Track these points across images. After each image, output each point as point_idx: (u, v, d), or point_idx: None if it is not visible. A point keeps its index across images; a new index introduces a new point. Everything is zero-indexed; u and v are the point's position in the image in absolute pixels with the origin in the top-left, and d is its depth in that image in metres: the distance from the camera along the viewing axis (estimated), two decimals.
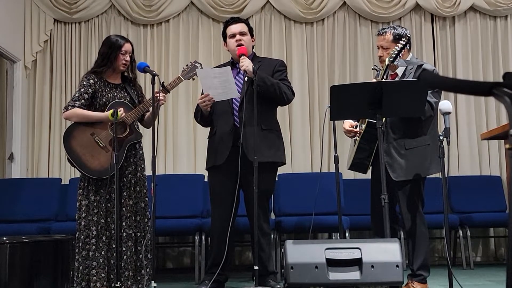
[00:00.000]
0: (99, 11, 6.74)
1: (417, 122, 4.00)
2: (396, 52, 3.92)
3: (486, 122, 6.69)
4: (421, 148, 4.02)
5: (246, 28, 4.31)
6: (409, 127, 4.02)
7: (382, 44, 4.16)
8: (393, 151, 4.01)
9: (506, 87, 1.14)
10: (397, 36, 4.12)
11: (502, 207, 6.21)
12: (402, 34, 4.13)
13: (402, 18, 6.89)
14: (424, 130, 4.05)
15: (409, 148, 4.00)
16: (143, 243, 4.06)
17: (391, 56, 3.94)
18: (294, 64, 6.71)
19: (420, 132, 4.04)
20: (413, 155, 4.00)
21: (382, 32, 4.20)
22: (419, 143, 4.02)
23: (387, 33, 4.16)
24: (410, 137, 4.02)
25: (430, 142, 4.02)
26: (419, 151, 4.02)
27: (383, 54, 4.14)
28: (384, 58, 4.11)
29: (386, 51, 4.12)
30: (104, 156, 4.04)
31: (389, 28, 4.21)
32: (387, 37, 4.15)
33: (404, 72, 4.10)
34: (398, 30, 4.17)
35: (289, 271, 3.23)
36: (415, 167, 4.01)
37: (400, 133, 4.02)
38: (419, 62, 4.19)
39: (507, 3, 6.80)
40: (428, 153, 4.01)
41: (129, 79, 4.32)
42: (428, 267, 4.07)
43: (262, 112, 4.04)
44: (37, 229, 5.41)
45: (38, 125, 6.59)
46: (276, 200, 5.98)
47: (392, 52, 3.94)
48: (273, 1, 6.77)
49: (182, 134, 6.57)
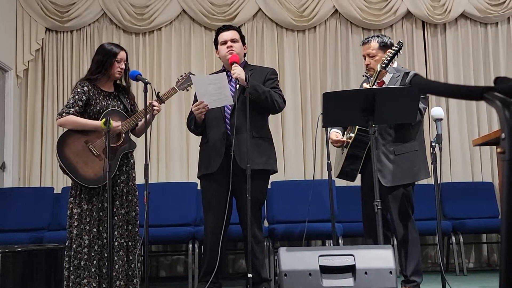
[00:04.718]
0: (91, 20, 6.73)
1: (406, 128, 4.03)
2: (389, 58, 3.94)
3: (478, 128, 6.71)
4: (410, 154, 4.05)
5: (237, 35, 4.32)
6: (398, 133, 4.05)
7: (368, 52, 4.20)
8: (383, 157, 4.03)
9: (497, 91, 1.14)
10: (382, 44, 4.17)
11: (495, 213, 6.23)
12: (387, 42, 4.19)
13: (393, 26, 6.92)
14: (413, 135, 4.08)
15: (399, 154, 4.03)
16: (135, 252, 4.05)
17: (383, 62, 3.95)
18: (286, 71, 6.72)
19: (408, 137, 4.06)
20: (402, 161, 4.03)
21: (366, 41, 4.26)
22: (408, 149, 4.05)
23: (371, 42, 4.21)
24: (399, 142, 4.05)
25: (418, 148, 4.05)
26: (408, 157, 4.04)
27: (370, 62, 4.19)
28: (372, 66, 4.16)
29: (373, 59, 4.17)
30: (98, 165, 4.02)
31: (372, 37, 4.27)
32: (372, 45, 4.19)
33: (390, 80, 4.13)
34: (382, 38, 4.22)
35: (282, 278, 3.23)
36: (405, 172, 4.03)
37: (389, 138, 4.05)
38: (406, 70, 4.23)
39: (498, 10, 6.84)
40: (417, 158, 4.04)
41: (122, 88, 4.31)
42: (421, 273, 4.07)
43: (254, 119, 4.04)
44: (30, 238, 5.38)
45: (30, 134, 6.56)
46: (269, 208, 5.98)
47: (384, 58, 3.96)
48: (265, 9, 6.79)
49: (175, 142, 6.56)
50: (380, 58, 4.06)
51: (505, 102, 1.11)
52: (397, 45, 3.97)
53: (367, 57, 4.21)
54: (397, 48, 3.96)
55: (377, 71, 3.98)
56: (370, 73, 4.16)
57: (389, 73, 4.11)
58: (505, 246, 1.11)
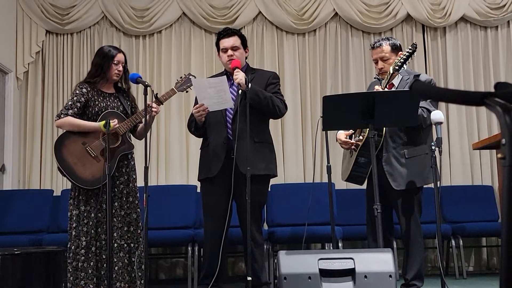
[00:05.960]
0: (91, 22, 6.73)
1: (417, 131, 4.02)
2: (402, 60, 3.89)
3: (477, 132, 6.71)
4: (421, 157, 4.03)
5: (238, 41, 4.26)
6: (409, 136, 4.03)
7: (382, 56, 4.14)
8: (393, 160, 4.01)
9: (497, 96, 1.14)
10: (394, 46, 4.14)
11: (495, 216, 6.23)
12: (397, 44, 4.16)
13: (393, 29, 6.92)
14: (423, 139, 4.07)
15: (410, 157, 4.02)
16: (137, 254, 4.04)
17: (396, 64, 3.90)
18: (286, 74, 6.72)
19: (419, 141, 4.05)
20: (413, 164, 4.01)
21: (378, 44, 4.18)
22: (419, 152, 4.04)
23: (383, 45, 4.16)
24: (410, 145, 4.03)
25: (428, 151, 4.03)
26: (419, 160, 4.03)
27: (384, 66, 4.13)
28: (385, 69, 4.09)
29: (386, 62, 4.12)
30: (96, 166, 4.02)
31: (383, 40, 4.21)
32: (385, 48, 4.14)
33: (400, 82, 4.11)
34: (392, 41, 4.19)
35: (282, 281, 3.22)
36: (415, 176, 4.02)
37: (399, 141, 4.03)
38: (416, 73, 4.21)
39: (498, 13, 6.84)
40: (427, 162, 4.01)
41: (123, 89, 4.32)
42: (422, 277, 4.07)
43: (255, 125, 4.03)
44: (29, 241, 5.38)
45: (29, 137, 6.56)
46: (269, 211, 5.97)
47: (397, 61, 3.91)
48: (265, 12, 6.79)
49: (175, 145, 6.56)
50: (393, 60, 4.02)
51: (505, 108, 1.11)
52: (411, 47, 3.91)
53: (379, 60, 4.16)
54: (411, 50, 3.91)
55: (390, 73, 3.94)
56: (383, 76, 4.11)
57: (399, 75, 4.08)
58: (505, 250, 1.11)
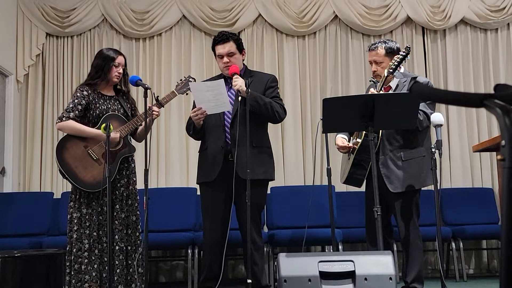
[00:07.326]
0: (91, 25, 6.74)
1: (414, 133, 4.02)
2: (396, 63, 3.91)
3: (477, 134, 6.71)
4: (418, 160, 4.03)
5: (234, 46, 4.22)
6: (405, 139, 4.03)
7: (375, 59, 4.17)
8: (390, 163, 4.01)
9: (497, 98, 1.14)
10: (389, 50, 4.14)
11: (495, 219, 6.22)
12: (393, 47, 4.16)
13: (393, 31, 6.93)
14: (420, 141, 4.06)
15: (406, 160, 4.01)
16: (134, 257, 4.04)
17: (390, 67, 3.92)
18: (286, 77, 6.72)
19: (416, 143, 4.05)
20: (410, 167, 4.01)
21: (373, 47, 4.21)
22: (415, 154, 4.04)
23: (378, 48, 4.17)
24: (407, 148, 4.03)
25: (425, 154, 4.03)
26: (416, 162, 4.03)
27: (377, 69, 4.15)
28: (379, 72, 4.12)
29: (379, 65, 4.13)
30: (97, 169, 4.03)
31: (379, 42, 4.22)
32: (379, 51, 4.16)
33: (397, 85, 4.11)
34: (389, 44, 4.19)
35: (282, 284, 3.22)
36: (412, 178, 4.01)
37: (396, 144, 4.03)
38: (413, 75, 4.21)
39: (497, 16, 6.85)
40: (424, 164, 4.02)
41: (122, 92, 4.33)
42: (422, 280, 4.06)
43: (254, 129, 4.02)
44: (29, 244, 5.38)
45: (30, 139, 6.56)
46: (269, 213, 5.97)
47: (391, 64, 3.93)
48: (265, 15, 6.80)
49: (175, 148, 6.56)
50: (387, 64, 4.02)
51: (505, 109, 1.11)
52: (405, 50, 3.94)
53: (373, 63, 4.18)
54: (405, 54, 3.92)
55: (384, 77, 3.96)
56: (377, 79, 4.13)
57: (396, 78, 4.09)
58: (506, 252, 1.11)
